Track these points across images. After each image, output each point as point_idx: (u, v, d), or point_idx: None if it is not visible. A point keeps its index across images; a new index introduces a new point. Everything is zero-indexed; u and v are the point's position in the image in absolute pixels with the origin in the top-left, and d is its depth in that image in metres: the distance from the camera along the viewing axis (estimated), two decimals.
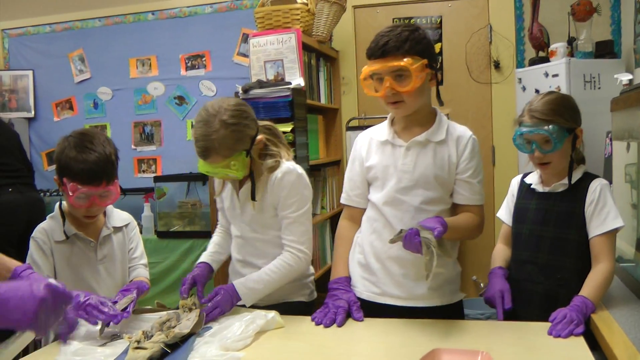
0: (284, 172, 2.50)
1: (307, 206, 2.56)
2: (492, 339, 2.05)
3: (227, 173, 2.39)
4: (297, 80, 4.05)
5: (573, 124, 2.39)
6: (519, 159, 4.61)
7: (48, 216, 2.58)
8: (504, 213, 2.67)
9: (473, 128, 4.67)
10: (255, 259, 2.59)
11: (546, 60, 4.34)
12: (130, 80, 5.85)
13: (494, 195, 4.82)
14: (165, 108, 5.76)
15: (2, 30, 6.26)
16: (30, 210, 4.41)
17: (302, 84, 4.06)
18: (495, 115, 5.00)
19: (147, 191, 5.14)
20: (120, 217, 2.72)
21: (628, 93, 2.80)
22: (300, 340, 2.15)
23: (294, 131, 3.85)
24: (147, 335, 2.03)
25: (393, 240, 2.19)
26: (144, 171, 5.81)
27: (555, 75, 4.09)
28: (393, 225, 2.39)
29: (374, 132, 2.53)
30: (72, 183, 2.38)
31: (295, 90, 3.91)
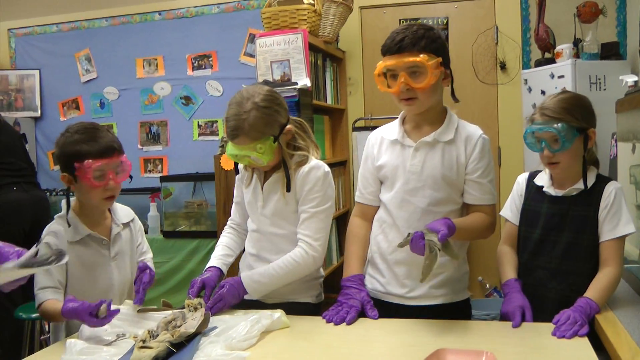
0: (312, 167, 2.51)
1: (328, 204, 2.54)
2: (497, 339, 2.05)
3: (253, 155, 2.40)
4: (304, 80, 4.06)
5: (584, 124, 2.33)
6: (525, 160, 4.62)
7: (56, 217, 2.52)
8: (509, 211, 2.62)
9: None
10: (270, 254, 2.56)
11: (552, 61, 4.35)
12: (136, 80, 5.87)
13: (500, 197, 4.80)
14: (171, 108, 5.78)
15: (9, 29, 6.29)
16: (35, 209, 4.42)
17: (309, 84, 4.07)
18: (501, 116, 5.01)
19: (153, 191, 5.16)
20: (124, 213, 2.71)
21: (633, 94, 2.80)
22: (306, 340, 2.15)
23: None
24: (153, 335, 2.03)
25: (401, 244, 2.19)
26: (150, 171, 5.82)
27: (561, 76, 4.10)
28: (400, 227, 2.40)
29: (385, 131, 2.53)
30: (87, 161, 2.35)
31: (302, 91, 3.92)
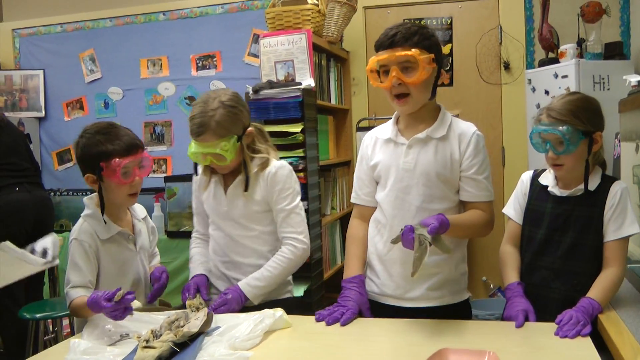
0: (277, 167, 2.64)
1: (299, 198, 2.69)
2: (499, 339, 2.04)
3: (217, 152, 2.51)
4: (308, 80, 4.07)
5: (590, 128, 2.31)
6: (529, 159, 4.61)
7: (84, 216, 2.54)
8: (512, 210, 2.59)
9: (483, 129, 4.66)
10: (243, 257, 2.66)
11: (556, 61, 4.35)
12: (141, 80, 5.87)
13: (504, 197, 4.80)
14: (175, 108, 5.78)
15: (13, 30, 6.29)
16: (37, 209, 4.43)
17: (313, 84, 4.07)
18: (505, 116, 5.01)
19: (158, 191, 5.15)
20: (139, 209, 2.79)
21: (636, 94, 2.81)
22: (309, 339, 2.16)
23: (304, 131, 3.86)
24: (156, 335, 2.04)
25: (394, 240, 2.19)
26: (154, 171, 5.82)
27: (565, 76, 4.10)
28: (394, 226, 2.39)
29: (379, 131, 2.54)
30: (114, 160, 2.42)
31: (306, 91, 3.93)
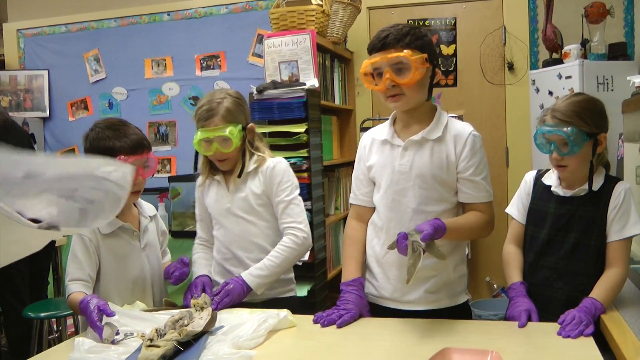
0: (276, 162, 2.73)
1: (298, 192, 2.75)
2: (502, 338, 2.05)
3: (225, 135, 2.61)
4: (312, 81, 4.07)
5: (594, 129, 2.31)
6: (533, 160, 4.61)
7: None
8: (515, 210, 2.59)
9: (487, 129, 4.65)
10: (245, 252, 2.70)
11: (560, 62, 4.35)
12: (145, 80, 5.88)
13: (508, 198, 4.80)
14: (180, 108, 5.79)
15: (18, 30, 6.30)
16: None
17: (317, 84, 4.08)
18: (509, 116, 5.00)
19: (162, 191, 5.17)
20: (148, 207, 2.82)
21: (639, 95, 2.80)
22: (312, 339, 2.16)
23: (307, 132, 3.87)
24: (160, 334, 2.04)
25: (390, 246, 2.19)
26: (158, 171, 5.82)
27: (569, 77, 4.10)
28: (390, 228, 2.38)
29: (376, 132, 2.52)
30: (120, 157, 2.46)
31: (310, 91, 3.93)
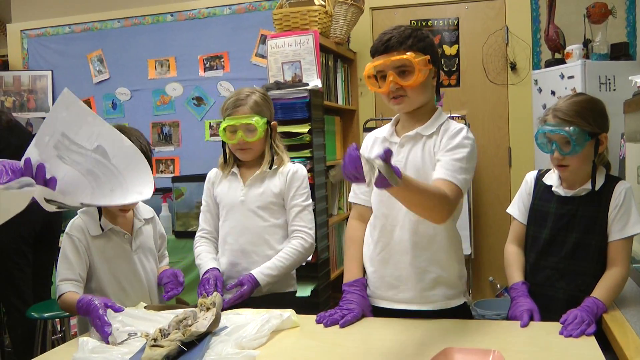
0: (298, 167, 2.82)
1: (311, 199, 2.84)
2: (504, 338, 2.05)
3: (252, 123, 2.66)
4: (315, 81, 4.08)
5: (596, 129, 2.31)
6: (536, 160, 4.61)
7: (79, 212, 2.58)
8: (516, 210, 2.61)
9: (489, 129, 4.66)
10: (253, 246, 2.74)
11: (562, 62, 4.35)
12: (148, 81, 5.89)
13: (510, 197, 4.79)
14: (183, 109, 5.80)
15: (21, 30, 6.32)
16: (45, 210, 4.42)
17: (320, 85, 4.09)
18: (511, 116, 5.01)
19: (165, 191, 5.17)
20: (146, 209, 2.80)
21: None
22: (315, 339, 2.17)
23: (311, 132, 3.88)
24: (164, 334, 2.04)
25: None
26: (162, 171, 5.84)
27: (571, 77, 4.11)
28: (386, 227, 2.38)
29: (378, 131, 2.53)
30: None
31: (313, 92, 3.94)
